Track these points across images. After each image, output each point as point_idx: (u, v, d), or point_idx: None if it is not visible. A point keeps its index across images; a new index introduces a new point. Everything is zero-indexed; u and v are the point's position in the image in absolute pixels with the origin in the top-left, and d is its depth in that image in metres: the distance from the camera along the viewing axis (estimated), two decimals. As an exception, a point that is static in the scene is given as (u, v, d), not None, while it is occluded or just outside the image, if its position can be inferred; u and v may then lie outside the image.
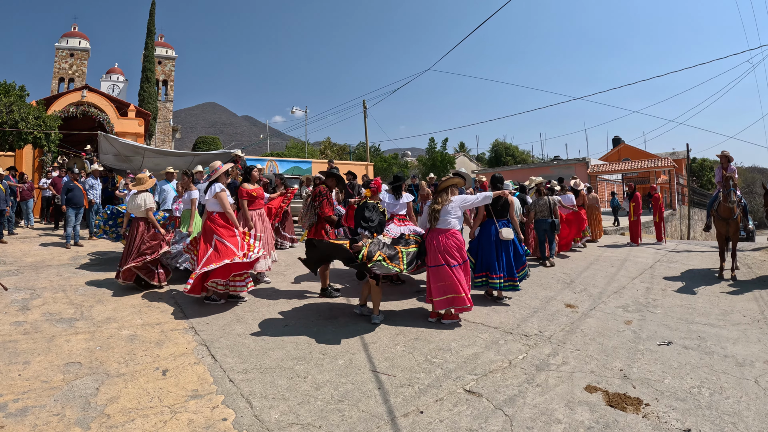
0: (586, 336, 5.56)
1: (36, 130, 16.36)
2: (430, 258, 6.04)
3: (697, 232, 28.63)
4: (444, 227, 6.01)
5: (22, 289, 7.04)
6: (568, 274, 8.95)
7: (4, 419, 3.51)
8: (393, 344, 5.24)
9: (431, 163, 39.64)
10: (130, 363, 4.65)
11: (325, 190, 7.35)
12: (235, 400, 3.96)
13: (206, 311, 6.34)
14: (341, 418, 3.69)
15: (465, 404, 3.94)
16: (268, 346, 5.13)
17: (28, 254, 9.87)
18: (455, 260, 5.93)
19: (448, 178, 6.35)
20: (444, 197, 6.11)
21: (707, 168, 50.72)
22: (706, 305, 6.81)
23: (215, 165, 7.09)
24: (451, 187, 6.21)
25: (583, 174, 29.24)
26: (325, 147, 44.26)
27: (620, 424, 3.58)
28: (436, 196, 6.21)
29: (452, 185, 6.22)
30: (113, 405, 3.81)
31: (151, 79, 48.57)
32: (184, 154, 15.17)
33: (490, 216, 7.12)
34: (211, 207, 6.71)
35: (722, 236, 8.60)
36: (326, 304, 6.70)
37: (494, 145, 55.74)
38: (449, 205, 6.06)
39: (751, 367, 4.60)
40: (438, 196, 6.16)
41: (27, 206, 14.58)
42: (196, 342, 5.25)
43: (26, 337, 5.22)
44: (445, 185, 6.19)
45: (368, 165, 26.71)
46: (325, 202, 7.26)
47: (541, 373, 4.54)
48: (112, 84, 55.35)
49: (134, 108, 24.71)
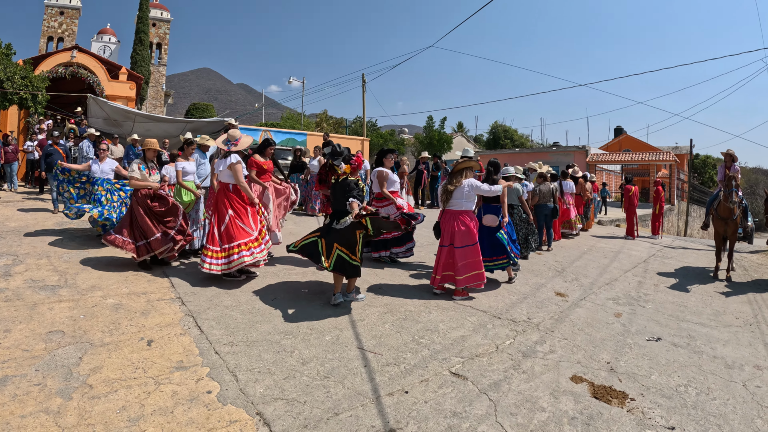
0: (574, 326, 5.55)
1: (22, 91, 15.85)
2: (443, 238, 6.26)
3: (694, 230, 28.72)
4: (456, 209, 6.15)
5: (4, 255, 6.86)
6: (560, 262, 8.94)
7: (-18, 388, 3.46)
8: (381, 322, 5.22)
9: (428, 141, 39.36)
10: (115, 332, 4.58)
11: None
12: (220, 372, 3.93)
13: (194, 281, 6.26)
14: (326, 394, 3.67)
15: (450, 386, 3.93)
16: (255, 319, 5.09)
17: (11, 219, 9.62)
18: (465, 242, 6.08)
19: (464, 161, 6.42)
20: (458, 179, 6.19)
21: (709, 165, 50.50)
22: (699, 304, 6.81)
23: (236, 135, 6.64)
24: (466, 170, 6.26)
25: (582, 162, 29.12)
26: (322, 120, 43.79)
27: (604, 417, 3.58)
28: (450, 177, 6.30)
29: (467, 168, 6.27)
30: (96, 375, 3.76)
31: (144, 41, 47.40)
32: (176, 121, 14.95)
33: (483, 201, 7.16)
34: (224, 178, 6.37)
35: (720, 236, 8.57)
36: (315, 279, 6.64)
37: (493, 127, 55.32)
38: (462, 187, 6.12)
39: (740, 370, 4.60)
40: (452, 178, 6.25)
41: (11, 169, 14.18)
42: (183, 313, 5.19)
43: (7, 305, 5.10)
44: (461, 167, 6.26)
45: (364, 140, 26.43)
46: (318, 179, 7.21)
47: (528, 359, 4.54)
48: (103, 45, 53.92)
49: (126, 71, 24.23)
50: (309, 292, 6.11)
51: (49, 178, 11.18)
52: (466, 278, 6.12)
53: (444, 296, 6.25)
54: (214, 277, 6.30)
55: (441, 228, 6.37)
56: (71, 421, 3.14)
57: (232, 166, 6.24)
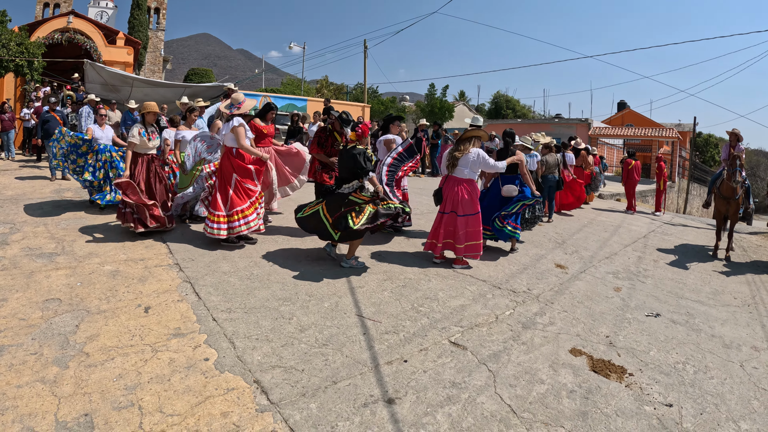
0: (574, 298, 5.54)
1: (18, 58, 15.54)
2: (445, 204, 6.24)
3: (693, 207, 28.68)
4: (460, 176, 6.13)
5: (1, 224, 6.78)
6: (561, 234, 8.90)
7: (-22, 359, 3.42)
8: (380, 290, 5.20)
9: (429, 109, 39.01)
10: (112, 300, 4.55)
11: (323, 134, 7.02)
12: (217, 339, 3.91)
13: (192, 247, 6.20)
14: (324, 362, 3.66)
15: (449, 356, 3.92)
16: (253, 286, 5.06)
17: (8, 187, 9.49)
18: (468, 210, 6.07)
19: (473, 129, 6.37)
20: (466, 146, 6.13)
21: (712, 144, 50.13)
22: (698, 282, 6.78)
23: (239, 98, 6.44)
24: (474, 139, 6.20)
25: (584, 135, 28.90)
26: (322, 86, 43.30)
27: (603, 391, 3.58)
28: (457, 143, 6.26)
29: (475, 137, 6.22)
30: (93, 343, 3.74)
31: (142, 6, 46.37)
32: (174, 86, 14.76)
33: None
34: (228, 142, 6.23)
35: (721, 215, 8.50)
36: (315, 247, 6.59)
37: (495, 96, 54.70)
38: (468, 155, 6.07)
39: (738, 350, 4.60)
40: (460, 144, 6.19)
41: (8, 137, 13.83)
42: (181, 279, 5.15)
43: (4, 273, 5.05)
44: (469, 135, 6.21)
45: (365, 107, 26.16)
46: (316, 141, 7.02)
47: (527, 331, 4.53)
48: (100, 10, 52.80)
49: (123, 36, 23.82)
50: (308, 258, 6.06)
51: (47, 146, 11.01)
52: (466, 247, 6.09)
53: (443, 264, 6.21)
54: (213, 243, 6.25)
55: (443, 194, 6.32)
56: (68, 390, 3.12)
57: (234, 128, 6.11)
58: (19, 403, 2.96)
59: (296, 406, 3.11)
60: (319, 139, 6.95)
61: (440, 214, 6.27)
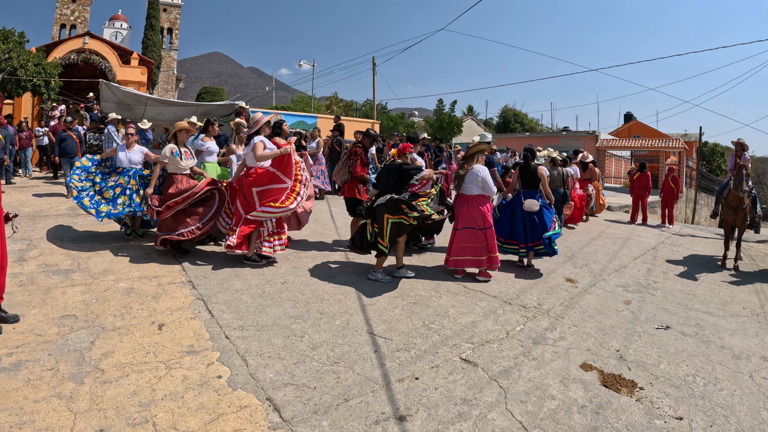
0: (584, 312, 5.54)
1: (35, 78, 15.94)
2: (458, 221, 6.38)
3: (702, 217, 28.55)
4: (469, 193, 6.28)
5: (19, 240, 6.89)
6: (570, 248, 8.90)
7: (-3, 374, 3.49)
8: (391, 307, 5.23)
9: (438, 124, 39.13)
10: (126, 316, 4.62)
11: (360, 150, 7.30)
12: (230, 357, 3.96)
13: (205, 265, 6.27)
14: (336, 380, 3.69)
15: (460, 373, 3.94)
16: (265, 303, 5.12)
17: (26, 204, 9.67)
18: (479, 225, 6.20)
19: (475, 144, 6.51)
20: (470, 163, 6.29)
21: (718, 154, 50.04)
22: (707, 293, 6.76)
23: (256, 117, 6.51)
24: (478, 154, 6.35)
25: (592, 147, 28.92)
26: (332, 102, 43.65)
27: (613, 406, 3.58)
28: (462, 162, 6.40)
29: (479, 152, 6.36)
30: (108, 359, 3.80)
31: (155, 26, 47.74)
32: (187, 104, 14.90)
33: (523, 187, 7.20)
34: (250, 162, 6.25)
35: (729, 225, 8.50)
36: (325, 263, 6.66)
37: (503, 110, 54.92)
38: (473, 171, 6.21)
39: (747, 361, 4.58)
40: (465, 162, 6.34)
41: (26, 155, 14.25)
42: (194, 296, 5.22)
43: (21, 289, 5.14)
44: (472, 151, 6.36)
45: (374, 123, 26.37)
46: (359, 161, 7.22)
47: (538, 346, 4.54)
48: (115, 31, 54.04)
49: (137, 56, 24.17)
50: (319, 276, 6.12)
51: (63, 164, 11.18)
52: (489, 258, 6.24)
53: (454, 280, 6.27)
54: (226, 260, 6.35)
55: (456, 212, 6.43)
56: (83, 406, 3.18)
57: (253, 145, 6.17)
58: (36, 418, 3.02)
59: (308, 423, 3.15)
60: (361, 160, 7.20)
61: (454, 231, 6.39)
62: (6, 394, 3.24)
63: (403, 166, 5.87)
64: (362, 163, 7.25)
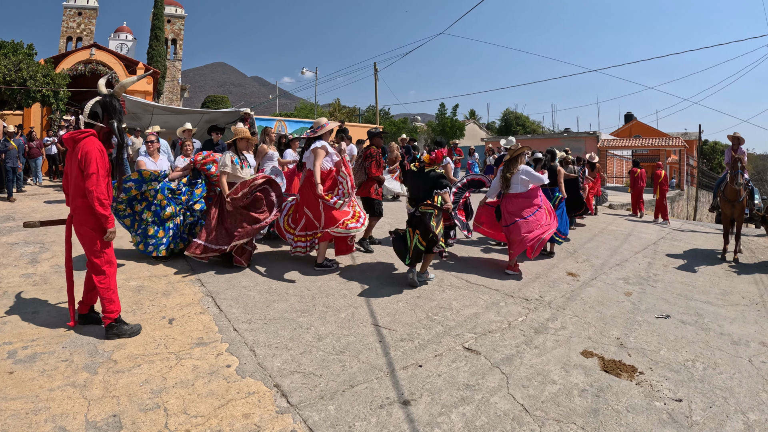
0: (585, 304, 5.62)
1: (44, 88, 16.26)
2: (504, 220, 6.77)
3: (703, 214, 28.56)
4: (515, 192, 6.68)
5: (32, 243, 7.01)
6: (572, 244, 8.97)
7: (13, 365, 3.58)
8: (395, 301, 5.32)
9: (440, 128, 39.31)
10: (137, 312, 4.72)
11: (375, 152, 7.49)
12: (239, 348, 4.05)
13: (213, 263, 6.33)
14: (342, 368, 3.78)
15: (463, 360, 4.02)
16: (272, 299, 5.21)
17: (37, 210, 9.83)
18: (529, 211, 6.61)
19: (518, 148, 6.85)
20: (515, 165, 6.70)
21: (718, 151, 50.04)
22: (707, 284, 6.84)
23: (321, 122, 6.32)
24: (520, 156, 6.74)
25: (593, 148, 28.98)
26: (335, 109, 43.84)
27: (614, 389, 3.66)
28: (508, 164, 6.75)
29: (521, 154, 6.76)
30: (120, 351, 3.89)
31: (160, 37, 48.78)
32: (193, 112, 15.05)
33: None
34: (310, 165, 6.14)
35: (727, 218, 8.58)
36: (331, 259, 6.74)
37: (505, 113, 55.16)
38: (518, 173, 6.65)
39: (746, 346, 4.65)
40: (510, 165, 6.71)
41: (36, 164, 14.53)
42: (202, 293, 5.31)
43: (35, 288, 5.25)
44: (516, 154, 6.74)
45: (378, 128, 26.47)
46: (374, 162, 7.41)
47: (540, 335, 4.62)
48: (120, 43, 54.78)
49: (143, 66, 24.59)
50: (325, 273, 6.23)
51: None
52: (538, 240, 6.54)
53: (457, 275, 6.35)
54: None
55: (502, 210, 6.83)
56: (97, 393, 3.27)
57: (314, 149, 6.07)
58: (51, 405, 3.11)
59: (315, 407, 3.23)
60: (376, 161, 7.41)
61: (504, 228, 6.82)
62: (22, 384, 3.33)
63: (441, 178, 5.76)
64: (377, 165, 7.42)
